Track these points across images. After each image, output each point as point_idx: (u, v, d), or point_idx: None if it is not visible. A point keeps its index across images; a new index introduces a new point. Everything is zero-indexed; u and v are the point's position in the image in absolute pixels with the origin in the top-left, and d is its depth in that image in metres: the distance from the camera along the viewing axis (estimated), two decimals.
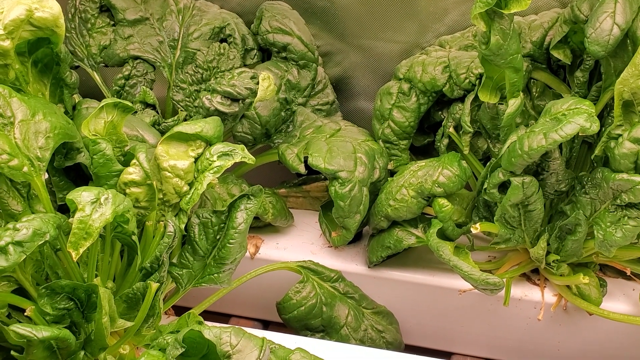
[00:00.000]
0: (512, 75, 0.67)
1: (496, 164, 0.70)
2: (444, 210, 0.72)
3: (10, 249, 0.52)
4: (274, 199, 0.84)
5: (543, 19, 0.78)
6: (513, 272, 0.79)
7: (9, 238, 0.52)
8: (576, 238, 0.70)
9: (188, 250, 0.66)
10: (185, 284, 0.67)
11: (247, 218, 0.65)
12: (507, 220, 0.72)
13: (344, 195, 0.75)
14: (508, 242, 0.74)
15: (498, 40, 0.63)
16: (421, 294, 0.81)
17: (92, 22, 0.86)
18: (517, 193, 0.67)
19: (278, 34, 0.85)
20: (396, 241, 0.76)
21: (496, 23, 0.63)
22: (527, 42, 0.77)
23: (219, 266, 0.66)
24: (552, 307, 0.78)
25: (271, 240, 0.86)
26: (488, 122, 0.73)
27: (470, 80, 0.75)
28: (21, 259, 0.53)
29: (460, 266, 0.68)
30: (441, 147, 0.80)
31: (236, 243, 0.65)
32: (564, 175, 0.70)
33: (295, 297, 0.76)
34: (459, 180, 0.72)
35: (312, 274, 0.78)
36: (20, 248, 0.53)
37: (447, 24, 0.85)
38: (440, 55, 0.78)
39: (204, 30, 0.86)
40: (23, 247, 0.53)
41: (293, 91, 0.86)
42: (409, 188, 0.74)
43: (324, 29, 0.90)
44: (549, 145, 0.63)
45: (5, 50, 0.58)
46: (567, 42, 0.74)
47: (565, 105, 0.65)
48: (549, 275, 0.78)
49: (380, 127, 0.82)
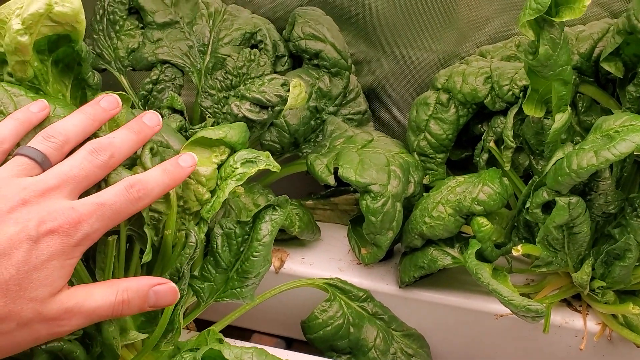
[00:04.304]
0: (560, 88, 0.63)
1: (540, 182, 0.65)
2: (484, 229, 0.68)
3: None
4: (300, 211, 0.80)
5: (592, 30, 0.73)
6: (553, 297, 0.74)
7: None
8: (625, 264, 0.66)
9: (210, 262, 0.63)
10: (206, 298, 0.64)
11: (272, 230, 0.62)
12: (549, 243, 0.67)
13: (376, 211, 0.71)
14: (550, 265, 0.70)
15: (547, 50, 0.59)
16: (454, 317, 0.77)
17: (120, 24, 0.84)
18: (563, 214, 0.63)
19: (311, 41, 0.82)
20: (430, 261, 0.72)
21: (546, 32, 0.59)
22: (575, 53, 0.72)
23: (242, 280, 0.63)
24: (596, 336, 0.73)
25: (297, 254, 0.83)
26: (532, 137, 0.69)
27: (513, 93, 0.71)
28: None
29: (499, 290, 0.64)
30: (480, 162, 0.76)
31: (260, 256, 0.61)
32: (614, 196, 0.65)
33: (322, 317, 0.72)
34: (500, 199, 0.68)
35: (339, 292, 0.74)
36: None
37: (488, 33, 0.81)
38: (481, 66, 0.74)
39: (235, 35, 0.83)
40: None
41: (324, 99, 0.83)
42: (446, 205, 0.70)
43: (357, 36, 0.87)
44: (600, 164, 0.58)
45: (24, 45, 0.55)
46: (619, 54, 0.69)
47: (618, 121, 0.61)
48: (592, 302, 0.73)
49: (416, 139, 0.79)
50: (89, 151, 0.48)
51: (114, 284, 0.47)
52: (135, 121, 0.53)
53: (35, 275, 0.42)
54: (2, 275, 0.41)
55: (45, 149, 0.48)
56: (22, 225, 0.42)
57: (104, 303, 0.46)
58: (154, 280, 0.49)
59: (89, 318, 0.46)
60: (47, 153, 0.48)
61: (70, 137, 0.49)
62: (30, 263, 0.42)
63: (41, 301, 0.43)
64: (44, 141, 0.48)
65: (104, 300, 0.46)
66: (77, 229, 0.44)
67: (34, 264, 0.42)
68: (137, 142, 0.52)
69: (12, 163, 0.47)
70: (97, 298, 0.46)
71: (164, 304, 0.50)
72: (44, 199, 0.44)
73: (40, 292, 0.42)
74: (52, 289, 0.43)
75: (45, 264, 0.42)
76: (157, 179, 0.51)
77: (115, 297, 0.47)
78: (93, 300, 0.46)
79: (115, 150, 0.50)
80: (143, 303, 0.48)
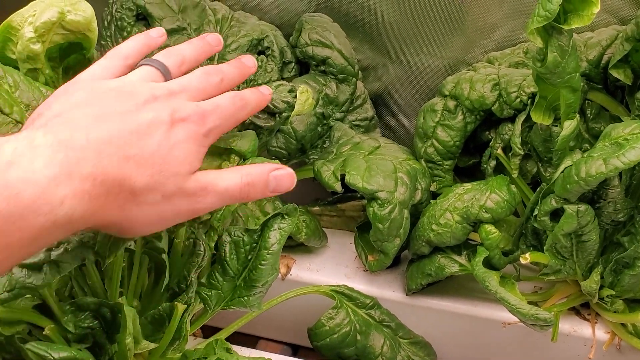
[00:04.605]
0: (569, 96, 0.62)
1: (548, 189, 0.65)
2: (491, 237, 0.67)
3: (45, 268, 0.50)
4: (307, 218, 0.80)
5: (600, 37, 0.73)
6: (562, 305, 0.74)
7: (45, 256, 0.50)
8: (634, 273, 0.65)
9: (218, 270, 0.63)
10: (213, 306, 0.64)
11: (280, 238, 0.61)
12: (558, 251, 0.67)
13: (383, 218, 0.70)
14: (558, 273, 0.69)
15: (555, 58, 0.59)
16: (462, 324, 0.77)
17: (128, 31, 0.84)
18: (571, 222, 0.63)
19: (318, 47, 0.82)
20: (438, 268, 0.71)
21: (554, 39, 0.58)
22: (583, 60, 0.72)
23: (249, 289, 0.62)
24: (605, 345, 0.72)
25: (303, 261, 0.82)
26: (540, 145, 0.69)
27: (521, 100, 0.71)
28: (55, 278, 0.50)
29: (507, 299, 0.63)
30: (488, 169, 0.75)
31: (268, 265, 0.61)
32: (623, 204, 0.65)
33: (328, 324, 0.72)
34: (508, 206, 0.68)
35: (346, 299, 0.74)
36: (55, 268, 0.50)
37: (495, 39, 0.81)
38: (489, 72, 0.74)
39: (242, 41, 0.83)
40: (59, 267, 0.50)
41: (331, 106, 0.83)
42: (453, 212, 0.70)
43: (364, 43, 0.87)
44: (609, 172, 0.58)
45: (36, 53, 0.56)
46: (627, 61, 0.69)
47: (627, 129, 0.60)
48: (601, 310, 0.73)
49: (423, 146, 0.78)
50: (203, 71, 0.53)
51: (237, 169, 0.52)
52: (236, 59, 0.59)
53: (175, 153, 0.46)
54: (147, 151, 0.44)
55: (167, 63, 0.53)
56: (157, 113, 0.46)
57: (233, 183, 0.50)
58: (273, 165, 0.53)
59: (221, 197, 0.49)
60: (169, 66, 0.53)
61: (186, 58, 0.55)
62: (170, 142, 0.46)
63: (182, 177, 0.46)
64: (165, 57, 0.53)
65: (233, 181, 0.50)
66: (203, 121, 0.49)
67: (173, 143, 0.46)
68: (239, 75, 0.57)
69: (139, 70, 0.51)
70: (226, 179, 0.50)
71: (283, 188, 0.53)
72: (171, 98, 0.49)
73: (181, 169, 0.46)
74: (190, 168, 0.47)
75: (183, 144, 0.47)
76: (250, 95, 0.56)
77: (241, 180, 0.50)
78: (223, 180, 0.49)
79: (224, 76, 0.55)
80: (265, 187, 0.52)
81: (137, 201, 0.44)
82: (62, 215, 0.39)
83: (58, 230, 0.40)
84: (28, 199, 0.37)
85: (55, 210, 0.39)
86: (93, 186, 0.41)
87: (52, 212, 0.38)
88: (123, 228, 0.46)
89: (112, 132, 0.43)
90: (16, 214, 0.37)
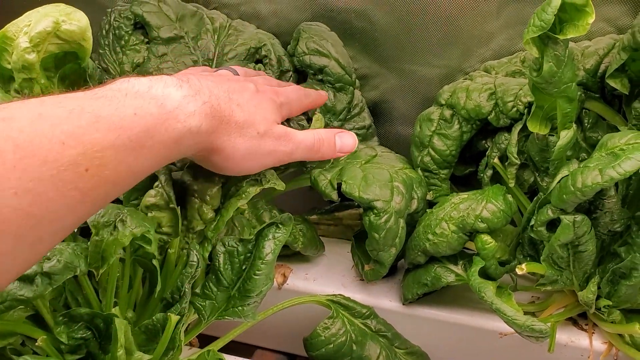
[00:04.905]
0: (565, 105, 0.62)
1: (545, 199, 0.65)
2: (487, 247, 0.67)
3: (37, 280, 0.50)
4: (304, 227, 0.80)
5: (598, 46, 0.73)
6: (559, 315, 0.73)
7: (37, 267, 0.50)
8: (631, 283, 0.65)
9: (212, 280, 0.63)
10: (208, 316, 0.63)
11: (275, 248, 0.61)
12: (554, 261, 0.67)
13: (379, 227, 0.70)
14: (555, 283, 0.69)
15: (551, 67, 0.59)
16: (458, 334, 0.76)
17: (125, 39, 0.84)
18: (568, 232, 0.62)
19: (315, 56, 0.82)
20: (434, 278, 0.71)
21: (550, 49, 0.58)
22: (580, 69, 0.72)
23: (243, 299, 0.62)
24: (602, 356, 0.72)
25: (300, 270, 0.82)
26: (536, 155, 0.69)
27: (518, 109, 0.70)
28: (47, 291, 0.50)
29: (503, 310, 0.63)
30: (484, 178, 0.75)
31: (263, 274, 0.61)
32: (620, 214, 0.64)
33: (324, 334, 0.71)
34: (504, 216, 0.67)
35: (342, 309, 0.73)
36: (47, 280, 0.50)
37: (492, 48, 0.81)
38: (485, 82, 0.74)
39: (240, 50, 0.83)
40: (51, 280, 0.50)
41: (328, 114, 0.83)
42: (449, 222, 0.69)
43: (362, 52, 0.87)
44: (605, 182, 0.57)
45: (31, 63, 0.56)
46: (624, 70, 0.69)
47: (623, 139, 0.60)
48: (598, 321, 0.72)
49: (419, 155, 0.78)
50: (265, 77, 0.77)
51: (309, 130, 0.67)
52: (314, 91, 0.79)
53: (263, 105, 0.62)
54: (243, 99, 0.59)
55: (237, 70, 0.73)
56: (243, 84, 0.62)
57: (307, 137, 0.65)
58: (337, 129, 0.70)
59: (299, 147, 0.64)
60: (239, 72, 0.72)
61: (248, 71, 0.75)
62: (257, 99, 0.61)
63: (269, 122, 0.61)
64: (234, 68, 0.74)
65: (306, 136, 0.65)
66: (277, 96, 0.66)
67: (259, 100, 0.61)
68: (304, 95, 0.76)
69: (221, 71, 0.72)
70: (302, 134, 0.65)
71: (348, 148, 0.70)
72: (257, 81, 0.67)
73: (268, 115, 0.61)
74: (274, 117, 0.62)
75: (265, 102, 0.62)
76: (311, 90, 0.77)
77: (314, 136, 0.66)
78: (300, 134, 0.64)
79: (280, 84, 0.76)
80: (332, 145, 0.68)
81: (240, 132, 0.57)
82: (193, 124, 0.51)
83: (190, 138, 0.51)
84: (170, 108, 0.49)
85: (189, 119, 0.51)
86: (211, 110, 0.53)
87: (187, 121, 0.50)
88: (228, 155, 0.57)
89: (218, 84, 0.57)
90: (163, 117, 0.48)
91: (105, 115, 0.44)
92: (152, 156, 0.48)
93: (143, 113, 0.47)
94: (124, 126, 0.45)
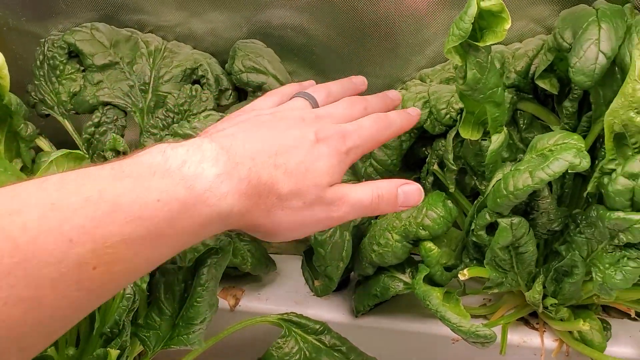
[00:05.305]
0: (493, 110, 0.63)
1: (482, 203, 0.65)
2: (431, 254, 0.67)
3: None
4: (252, 247, 0.79)
5: (527, 47, 0.74)
6: (509, 317, 0.74)
7: None
8: (574, 280, 0.65)
9: (154, 310, 0.62)
10: (153, 347, 0.62)
11: (215, 274, 0.61)
12: (497, 264, 0.67)
13: (324, 242, 0.70)
14: (501, 286, 0.69)
15: (475, 75, 0.59)
16: (412, 343, 0.76)
17: (60, 69, 0.83)
18: (506, 235, 0.63)
19: (252, 73, 0.81)
20: (383, 289, 0.71)
21: (472, 56, 0.59)
22: (512, 72, 0.73)
23: (188, 327, 0.61)
24: (553, 353, 0.72)
25: (252, 290, 0.81)
26: (472, 159, 0.69)
27: (451, 116, 0.71)
28: None
29: (448, 317, 0.63)
30: (427, 184, 0.76)
31: (204, 302, 0.60)
32: (556, 213, 0.65)
33: (277, 354, 0.71)
34: (445, 222, 0.68)
35: (294, 327, 0.73)
36: None
37: (428, 56, 0.81)
38: (419, 90, 0.74)
39: (175, 72, 0.82)
40: None
41: None
42: (392, 231, 0.70)
43: (302, 66, 0.87)
44: (535, 184, 0.58)
45: None
46: (553, 70, 0.70)
47: (552, 140, 0.61)
48: (548, 319, 0.73)
49: (363, 166, 0.78)
50: (349, 100, 0.60)
51: (369, 183, 0.55)
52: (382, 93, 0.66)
53: (317, 165, 0.51)
54: (293, 162, 0.50)
55: (316, 95, 0.60)
56: (303, 131, 0.53)
57: (365, 195, 0.54)
58: (402, 181, 0.57)
59: (354, 208, 0.53)
60: (317, 97, 0.60)
61: (332, 92, 0.62)
62: (313, 156, 0.51)
63: (322, 187, 0.51)
64: (314, 90, 0.61)
65: (364, 193, 0.54)
66: (344, 141, 0.54)
67: (316, 157, 0.51)
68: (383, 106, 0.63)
69: (292, 101, 0.60)
70: (359, 191, 0.54)
71: (412, 202, 0.57)
72: (317, 120, 0.55)
73: (321, 180, 0.51)
74: (330, 179, 0.52)
75: (324, 159, 0.52)
76: (396, 116, 0.61)
77: (372, 192, 0.54)
78: (356, 192, 0.54)
79: (368, 104, 0.60)
80: (394, 200, 0.55)
81: (282, 205, 0.49)
82: (224, 208, 0.45)
83: (219, 222, 0.45)
84: (200, 190, 0.43)
85: (220, 202, 0.44)
86: (248, 187, 0.46)
87: (217, 205, 0.44)
88: (268, 230, 0.50)
89: (264, 144, 0.49)
90: (191, 202, 0.43)
91: (125, 202, 0.39)
92: (172, 244, 0.43)
93: (168, 199, 0.41)
94: (144, 216, 0.40)
